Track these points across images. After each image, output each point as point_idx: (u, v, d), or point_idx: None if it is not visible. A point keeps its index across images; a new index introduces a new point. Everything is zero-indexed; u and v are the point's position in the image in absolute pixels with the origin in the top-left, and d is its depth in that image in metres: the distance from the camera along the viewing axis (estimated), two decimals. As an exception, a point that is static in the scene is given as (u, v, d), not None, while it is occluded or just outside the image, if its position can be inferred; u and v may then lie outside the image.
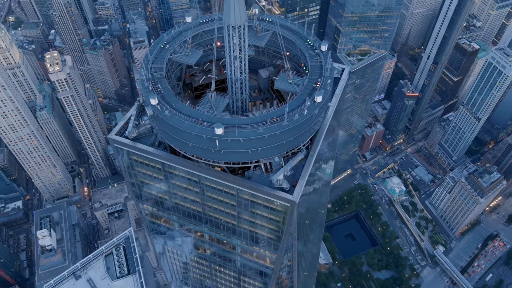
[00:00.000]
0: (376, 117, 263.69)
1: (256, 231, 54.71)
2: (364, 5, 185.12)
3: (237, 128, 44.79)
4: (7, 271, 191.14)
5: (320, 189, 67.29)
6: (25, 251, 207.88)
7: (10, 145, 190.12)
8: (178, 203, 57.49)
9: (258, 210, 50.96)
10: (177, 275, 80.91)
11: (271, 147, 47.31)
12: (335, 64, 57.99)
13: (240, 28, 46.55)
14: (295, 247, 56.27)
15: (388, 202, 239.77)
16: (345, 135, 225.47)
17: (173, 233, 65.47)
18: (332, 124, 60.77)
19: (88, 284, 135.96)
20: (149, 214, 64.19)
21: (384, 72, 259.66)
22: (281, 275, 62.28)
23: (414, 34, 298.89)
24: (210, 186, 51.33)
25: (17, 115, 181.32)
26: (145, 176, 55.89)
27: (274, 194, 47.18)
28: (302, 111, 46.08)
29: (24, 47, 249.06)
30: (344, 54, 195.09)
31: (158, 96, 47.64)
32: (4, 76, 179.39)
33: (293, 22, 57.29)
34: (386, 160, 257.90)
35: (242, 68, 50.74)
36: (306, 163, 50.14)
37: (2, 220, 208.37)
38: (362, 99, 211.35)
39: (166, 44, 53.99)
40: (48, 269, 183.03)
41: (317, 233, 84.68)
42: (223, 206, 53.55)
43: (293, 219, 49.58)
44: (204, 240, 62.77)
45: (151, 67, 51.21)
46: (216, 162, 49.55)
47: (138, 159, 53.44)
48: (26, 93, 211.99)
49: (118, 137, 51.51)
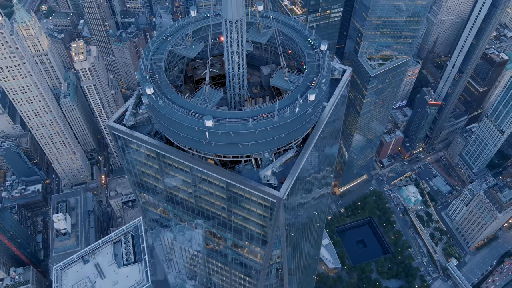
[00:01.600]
0: (396, 123, 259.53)
1: (245, 225, 55.19)
2: (391, 9, 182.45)
3: (227, 122, 45.38)
4: (23, 251, 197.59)
5: (315, 191, 67.12)
6: (42, 233, 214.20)
7: (33, 129, 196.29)
8: (172, 193, 58.55)
9: (246, 204, 51.47)
10: (174, 266, 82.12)
11: (261, 143, 47.71)
12: (337, 65, 57.92)
13: (238, 23, 47.12)
14: (284, 245, 56.44)
15: (402, 210, 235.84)
16: (363, 140, 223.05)
17: (168, 223, 66.59)
18: (331, 125, 60.63)
19: (95, 268, 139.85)
20: (146, 203, 65.51)
21: (407, 78, 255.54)
22: (270, 271, 62.53)
23: (442, 41, 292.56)
24: (201, 177, 52.12)
25: (41, 101, 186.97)
26: (141, 164, 57.15)
27: (261, 189, 47.58)
28: (293, 109, 46.28)
29: (54, 35, 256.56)
30: (366, 58, 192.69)
31: (154, 86, 48.70)
32: (31, 62, 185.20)
33: (296, 21, 57.45)
34: (403, 168, 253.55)
35: (240, 63, 51.30)
36: (297, 161, 50.31)
37: (22, 202, 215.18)
38: (382, 105, 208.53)
39: (169, 36, 55.04)
40: (61, 252, 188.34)
41: (315, 235, 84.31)
42: (214, 198, 54.29)
43: (279, 215, 49.82)
44: (197, 232, 63.59)
45: (152, 57, 52.35)
46: (207, 155, 50.30)
47: (134, 147, 54.72)
48: (51, 80, 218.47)
49: (116, 124, 52.93)
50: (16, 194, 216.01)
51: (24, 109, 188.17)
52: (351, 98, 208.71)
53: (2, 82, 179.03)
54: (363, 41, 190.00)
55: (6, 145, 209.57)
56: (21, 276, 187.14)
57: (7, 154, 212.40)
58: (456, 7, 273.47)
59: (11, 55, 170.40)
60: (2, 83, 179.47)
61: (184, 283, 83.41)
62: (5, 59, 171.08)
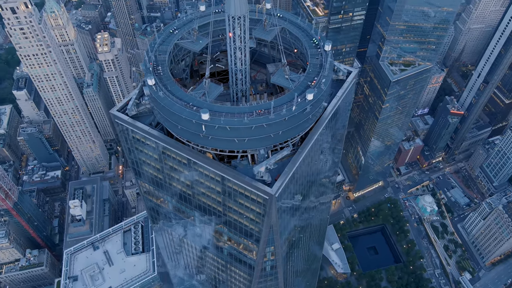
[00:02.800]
0: (416, 131, 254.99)
1: (239, 220, 55.62)
2: (419, 15, 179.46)
3: (224, 116, 45.85)
4: (40, 234, 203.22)
5: (314, 196, 66.84)
6: (58, 218, 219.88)
7: (56, 116, 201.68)
8: (171, 184, 59.45)
9: (240, 199, 51.87)
10: (172, 256, 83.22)
11: (257, 139, 48.04)
12: (342, 66, 57.72)
13: (241, 19, 47.51)
14: (277, 242, 56.56)
15: (417, 220, 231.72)
16: (381, 146, 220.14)
17: (168, 214, 67.61)
18: (333, 128, 60.34)
19: (104, 255, 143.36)
20: (146, 192, 66.67)
21: (431, 86, 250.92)
22: (265, 268, 62.77)
23: (469, 50, 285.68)
24: (198, 170, 52.78)
25: (64, 89, 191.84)
26: (141, 154, 58.27)
27: (253, 185, 47.86)
28: (290, 107, 46.38)
29: (82, 26, 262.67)
30: (387, 63, 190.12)
31: (157, 78, 49.61)
32: (57, 51, 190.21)
33: (303, 20, 57.41)
34: (421, 177, 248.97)
35: (243, 59, 51.70)
36: (292, 160, 50.39)
37: (41, 186, 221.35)
38: (401, 111, 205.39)
39: (176, 29, 55.91)
40: (75, 238, 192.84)
41: (314, 241, 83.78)
42: (210, 191, 54.88)
43: (272, 212, 49.98)
44: (195, 224, 64.38)
45: (157, 49, 53.30)
46: (205, 148, 50.90)
47: (136, 137, 55.82)
48: (76, 70, 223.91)
49: (119, 113, 54.14)
50: (36, 179, 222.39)
51: (48, 96, 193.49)
52: (370, 103, 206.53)
53: (29, 69, 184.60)
54: (386, 46, 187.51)
55: (30, 131, 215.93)
56: (36, 258, 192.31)
57: (30, 139, 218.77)
58: (486, 16, 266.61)
59: (38, 43, 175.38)
60: (28, 70, 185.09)
61: (183, 275, 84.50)
62: (32, 47, 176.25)
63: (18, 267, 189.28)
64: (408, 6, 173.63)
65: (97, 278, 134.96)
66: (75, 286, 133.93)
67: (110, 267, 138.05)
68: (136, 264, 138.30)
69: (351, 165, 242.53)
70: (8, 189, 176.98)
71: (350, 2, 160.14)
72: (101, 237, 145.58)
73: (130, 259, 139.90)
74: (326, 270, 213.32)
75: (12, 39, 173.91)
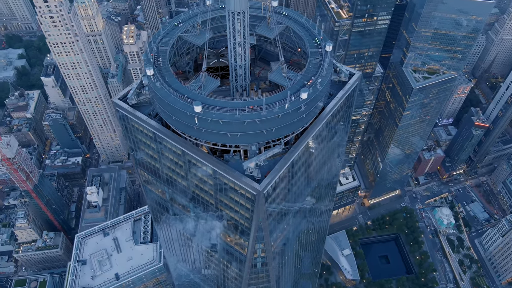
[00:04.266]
0: (438, 141, 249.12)
1: (230, 214, 56.03)
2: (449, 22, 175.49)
3: (216, 110, 46.34)
4: (57, 217, 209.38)
5: (310, 202, 66.45)
6: (76, 203, 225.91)
7: (79, 104, 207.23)
8: (167, 174, 60.43)
9: (231, 193, 52.27)
10: (170, 248, 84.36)
11: (250, 134, 48.33)
12: (344, 68, 57.32)
13: (240, 15, 47.86)
14: (267, 240, 56.69)
15: (433, 232, 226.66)
16: (400, 154, 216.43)
17: (166, 204, 68.69)
18: (332, 131, 59.93)
19: (114, 242, 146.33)
20: (145, 181, 67.95)
21: (456, 96, 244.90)
22: (255, 265, 63.00)
23: (500, 61, 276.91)
24: (192, 161, 53.46)
25: (89, 78, 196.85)
26: (140, 143, 59.45)
27: (241, 180, 48.18)
28: (283, 104, 46.47)
29: (111, 18, 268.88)
30: (411, 70, 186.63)
31: (156, 69, 50.55)
32: (84, 41, 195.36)
33: (307, 19, 57.28)
34: (440, 188, 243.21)
35: (242, 55, 52.06)
36: (284, 158, 50.42)
37: (62, 171, 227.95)
38: (423, 120, 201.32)
39: (181, 22, 56.76)
40: (90, 223, 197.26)
41: (313, 243, 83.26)
42: (202, 184, 55.50)
43: (260, 208, 50.16)
44: (190, 216, 65.21)
45: (160, 41, 54.27)
46: (198, 141, 51.52)
47: (135, 125, 56.99)
48: (102, 60, 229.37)
49: (120, 101, 55.42)
50: (58, 163, 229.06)
51: (73, 84, 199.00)
52: (391, 110, 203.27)
53: (56, 56, 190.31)
54: (410, 52, 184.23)
55: (55, 116, 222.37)
56: (52, 240, 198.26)
57: (54, 125, 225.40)
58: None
59: (66, 32, 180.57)
60: (56, 57, 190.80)
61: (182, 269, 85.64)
62: (60, 35, 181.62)
63: (34, 247, 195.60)
64: (436, 13, 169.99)
65: (105, 264, 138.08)
66: (83, 270, 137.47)
67: (118, 254, 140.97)
68: (143, 253, 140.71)
69: (369, 172, 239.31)
70: (29, 171, 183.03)
71: (375, 5, 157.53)
72: (112, 224, 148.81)
73: (138, 247, 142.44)
74: (335, 275, 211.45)
75: (43, 26, 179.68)
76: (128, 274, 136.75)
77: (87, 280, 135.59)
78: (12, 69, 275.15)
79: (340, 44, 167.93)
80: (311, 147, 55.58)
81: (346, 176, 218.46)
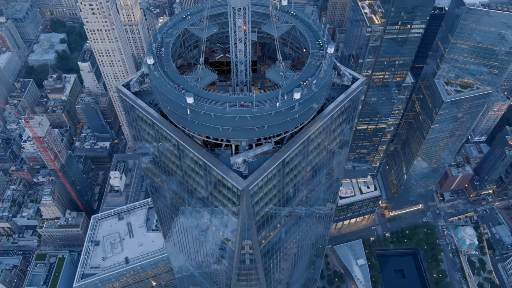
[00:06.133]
0: (468, 158, 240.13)
1: (220, 208, 56.48)
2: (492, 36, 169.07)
3: (208, 103, 46.87)
4: (80, 198, 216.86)
5: (304, 208, 65.86)
6: (100, 186, 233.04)
7: (110, 91, 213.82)
8: (164, 162, 61.56)
9: (219, 186, 52.71)
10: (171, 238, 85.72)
11: (241, 130, 48.62)
12: (348, 71, 56.60)
13: (241, 10, 48.16)
14: (254, 236, 56.76)
15: (453, 251, 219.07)
16: (426, 168, 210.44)
17: (164, 193, 69.94)
18: (330, 136, 59.24)
19: (127, 227, 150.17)
20: (146, 169, 69.45)
21: (492, 113, 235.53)
22: (244, 261, 63.18)
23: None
24: (185, 152, 54.22)
25: (121, 66, 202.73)
26: (141, 130, 60.81)
27: (228, 174, 48.52)
28: (274, 103, 46.45)
29: (151, 9, 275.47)
30: (443, 82, 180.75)
31: (157, 58, 51.64)
32: (120, 30, 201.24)
33: (315, 20, 56.82)
34: (466, 207, 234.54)
35: (243, 51, 52.35)
36: (273, 157, 50.39)
37: (90, 154, 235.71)
38: (452, 134, 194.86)
39: (188, 15, 57.66)
40: (110, 207, 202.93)
41: (310, 246, 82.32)
42: (195, 174, 56.22)
43: (245, 204, 50.31)
44: (185, 206, 66.14)
45: (166, 32, 55.35)
46: (192, 132, 52.19)
47: (137, 113, 58.36)
48: (137, 50, 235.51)
49: (123, 87, 56.94)
50: (86, 146, 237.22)
51: (106, 71, 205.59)
52: (420, 121, 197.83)
53: (92, 43, 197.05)
54: (444, 64, 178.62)
55: (87, 101, 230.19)
56: (74, 220, 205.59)
57: (86, 109, 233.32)
58: None
59: (103, 20, 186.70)
60: (92, 44, 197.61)
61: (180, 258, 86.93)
62: (97, 23, 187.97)
63: (57, 225, 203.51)
64: (477, 26, 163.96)
65: (117, 247, 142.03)
66: (95, 250, 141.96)
67: (130, 239, 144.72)
68: (154, 241, 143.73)
69: (392, 183, 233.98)
70: (58, 151, 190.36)
71: (409, 13, 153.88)
72: (128, 209, 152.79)
73: (150, 234, 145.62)
74: (347, 283, 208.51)
75: (82, 13, 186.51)
76: (137, 259, 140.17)
77: (98, 261, 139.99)
78: (53, 52, 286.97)
79: (371, 50, 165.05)
80: (306, 149, 55.16)
81: (368, 185, 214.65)
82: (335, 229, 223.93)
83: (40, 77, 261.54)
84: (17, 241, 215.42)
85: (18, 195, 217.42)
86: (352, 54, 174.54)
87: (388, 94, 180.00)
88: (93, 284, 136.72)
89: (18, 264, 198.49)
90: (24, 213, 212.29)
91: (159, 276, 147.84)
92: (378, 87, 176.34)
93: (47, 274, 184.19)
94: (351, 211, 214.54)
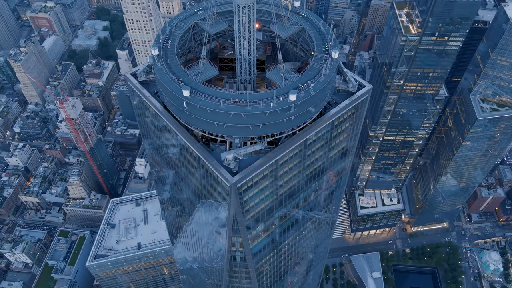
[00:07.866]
0: (501, 180, 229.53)
1: (211, 201, 56.88)
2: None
3: (204, 97, 47.31)
4: (106, 182, 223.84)
5: (301, 207, 65.00)
6: (126, 172, 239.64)
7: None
8: (165, 153, 62.59)
9: (211, 180, 53.08)
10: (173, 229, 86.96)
11: (235, 127, 48.81)
12: (354, 78, 55.62)
13: (245, 8, 48.26)
14: (244, 234, 56.75)
15: (476, 275, 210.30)
16: (454, 185, 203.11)
17: (166, 183, 71.10)
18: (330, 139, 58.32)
19: (143, 213, 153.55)
20: (149, 156, 70.77)
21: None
22: (235, 258, 63.30)
23: None
24: (182, 144, 54.88)
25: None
26: (145, 119, 62.10)
27: (218, 169, 48.78)
28: (268, 103, 46.32)
29: (192, 4, 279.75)
30: (479, 98, 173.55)
31: (162, 50, 52.57)
32: (158, 21, 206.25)
33: (324, 24, 56.05)
34: (494, 231, 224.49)
35: (248, 49, 52.45)
36: (266, 156, 50.23)
37: (119, 140, 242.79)
38: (484, 154, 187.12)
39: (200, 10, 58.31)
40: (133, 193, 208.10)
41: (307, 251, 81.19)
42: (190, 166, 56.89)
43: (233, 200, 50.41)
44: (182, 197, 67.00)
45: (175, 25, 56.24)
46: (189, 125, 52.76)
47: (142, 101, 59.61)
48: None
49: (130, 76, 58.31)
50: (117, 132, 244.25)
51: (141, 60, 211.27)
52: (451, 137, 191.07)
53: (130, 32, 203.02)
54: (481, 80, 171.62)
55: (122, 88, 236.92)
56: (98, 201, 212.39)
57: (120, 96, 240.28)
58: None
59: (142, 10, 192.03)
60: (130, 33, 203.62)
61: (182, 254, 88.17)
62: (137, 13, 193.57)
63: (82, 204, 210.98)
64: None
65: (131, 232, 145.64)
66: (110, 232, 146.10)
67: (144, 225, 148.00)
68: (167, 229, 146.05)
69: (417, 198, 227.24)
70: (88, 134, 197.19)
71: (448, 24, 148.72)
72: (146, 196, 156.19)
73: (164, 223, 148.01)
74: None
75: (122, 3, 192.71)
76: (149, 246, 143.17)
77: (112, 243, 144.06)
78: (95, 38, 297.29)
79: (404, 60, 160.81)
80: (303, 153, 54.57)
81: (391, 197, 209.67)
82: (353, 238, 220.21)
83: (80, 62, 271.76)
84: (44, 216, 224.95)
85: (49, 173, 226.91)
86: (385, 63, 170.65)
87: (419, 106, 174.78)
88: (105, 265, 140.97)
89: (43, 239, 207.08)
90: (52, 190, 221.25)
91: (170, 265, 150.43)
92: (409, 98, 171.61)
93: (68, 251, 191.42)
94: (371, 222, 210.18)
